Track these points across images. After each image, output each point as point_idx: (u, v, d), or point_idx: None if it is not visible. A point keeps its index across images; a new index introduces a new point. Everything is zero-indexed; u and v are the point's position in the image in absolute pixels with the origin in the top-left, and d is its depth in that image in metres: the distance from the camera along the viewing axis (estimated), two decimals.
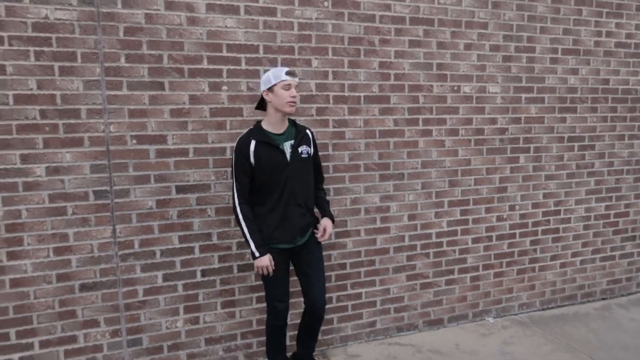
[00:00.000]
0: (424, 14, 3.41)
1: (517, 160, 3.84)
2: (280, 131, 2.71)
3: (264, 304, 3.23)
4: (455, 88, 3.57)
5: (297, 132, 2.77)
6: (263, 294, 3.22)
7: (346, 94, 3.29)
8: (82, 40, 2.74)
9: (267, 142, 2.65)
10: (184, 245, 3.03)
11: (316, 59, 3.20)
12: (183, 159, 2.98)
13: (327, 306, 3.31)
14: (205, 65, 2.97)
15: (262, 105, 2.78)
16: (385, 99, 3.39)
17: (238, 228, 3.11)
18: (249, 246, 2.67)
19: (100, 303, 2.90)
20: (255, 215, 2.72)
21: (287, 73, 2.63)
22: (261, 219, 2.71)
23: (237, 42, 3.01)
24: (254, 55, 3.05)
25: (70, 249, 2.82)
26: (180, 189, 2.99)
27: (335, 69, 3.24)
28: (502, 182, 3.81)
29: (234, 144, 2.69)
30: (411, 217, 3.56)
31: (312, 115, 3.22)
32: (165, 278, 3.02)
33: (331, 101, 3.26)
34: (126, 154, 2.87)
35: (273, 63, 3.09)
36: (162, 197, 2.96)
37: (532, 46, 3.76)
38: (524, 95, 3.79)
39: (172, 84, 2.92)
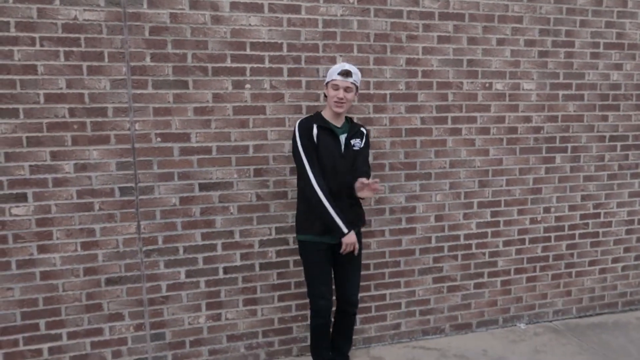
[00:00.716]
0: (454, 8, 3.30)
1: (553, 160, 3.66)
2: (338, 124, 2.75)
3: (286, 303, 3.23)
4: (487, 85, 3.44)
5: (352, 127, 2.80)
6: (285, 292, 3.23)
7: (371, 91, 3.22)
8: (109, 40, 2.80)
9: (328, 128, 2.69)
10: (206, 242, 3.06)
11: (341, 56, 3.15)
12: (206, 157, 3.01)
13: None
14: (228, 63, 2.98)
15: None
16: (412, 97, 3.30)
17: (262, 226, 3.12)
18: (335, 224, 2.60)
19: (125, 297, 2.97)
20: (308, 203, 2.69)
21: (339, 73, 2.63)
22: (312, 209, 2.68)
23: (260, 41, 3.00)
24: (277, 54, 3.04)
25: (97, 244, 2.90)
26: (203, 187, 3.02)
27: (360, 66, 3.18)
28: (536, 183, 3.65)
29: (295, 127, 2.70)
30: (438, 218, 3.46)
31: None
32: (188, 274, 3.05)
33: (356, 99, 3.20)
34: (151, 151, 2.92)
35: (297, 61, 3.06)
36: (185, 195, 3.00)
37: (571, 40, 3.57)
38: (561, 92, 3.61)
39: (196, 82, 2.95)
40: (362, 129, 2.85)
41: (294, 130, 2.68)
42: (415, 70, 3.28)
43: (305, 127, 2.68)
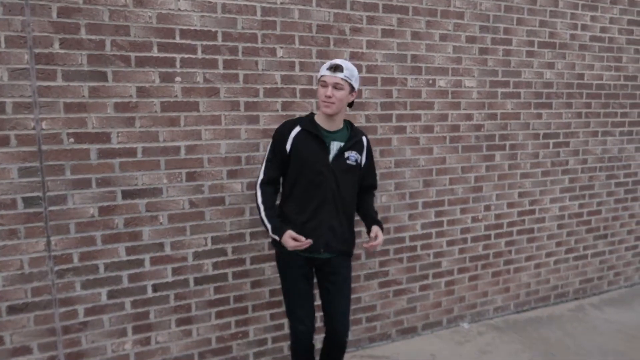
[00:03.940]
0: (398, 1, 3.15)
1: (493, 158, 3.65)
2: (331, 129, 2.39)
3: (224, 320, 2.94)
4: (431, 82, 3.33)
5: (350, 136, 2.43)
6: (223, 308, 2.94)
7: (314, 87, 2.99)
8: (6, 21, 2.33)
9: (314, 132, 2.34)
10: (132, 257, 2.68)
11: (281, 48, 2.88)
12: (130, 159, 2.62)
13: None
14: (155, 53, 2.61)
15: None
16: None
17: (197, 236, 2.80)
18: (266, 230, 2.39)
19: (32, 327, 2.51)
20: (280, 207, 2.47)
21: (328, 68, 2.31)
22: (286, 218, 2.39)
23: (192, 28, 2.66)
24: (211, 43, 2.71)
25: None
26: (127, 194, 2.63)
27: (302, 60, 2.94)
28: (477, 182, 3.61)
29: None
30: (384, 220, 3.31)
31: (277, 110, 2.91)
32: (111, 295, 2.65)
33: (298, 95, 2.96)
34: (62, 154, 2.49)
35: (233, 52, 2.76)
36: (105, 204, 2.59)
37: (509, 38, 3.56)
38: (500, 90, 3.59)
39: (117, 74, 2.55)
40: (363, 137, 2.49)
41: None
42: (359, 64, 3.09)
43: (282, 130, 2.38)
